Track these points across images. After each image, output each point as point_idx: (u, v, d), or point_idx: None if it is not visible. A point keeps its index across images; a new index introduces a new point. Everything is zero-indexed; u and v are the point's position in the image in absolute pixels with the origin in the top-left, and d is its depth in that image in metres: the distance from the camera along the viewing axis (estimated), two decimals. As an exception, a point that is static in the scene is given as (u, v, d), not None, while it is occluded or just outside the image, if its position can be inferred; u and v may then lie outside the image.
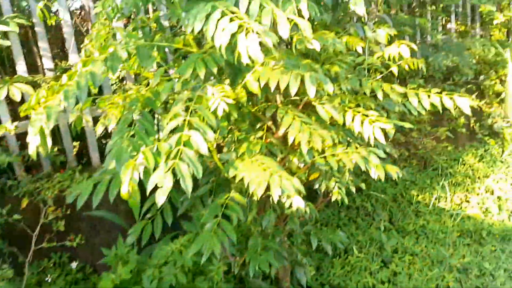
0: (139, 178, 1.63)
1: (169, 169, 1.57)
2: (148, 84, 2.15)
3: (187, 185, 1.56)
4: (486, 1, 4.62)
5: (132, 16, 3.00)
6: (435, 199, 3.98)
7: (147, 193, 1.62)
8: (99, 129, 2.17)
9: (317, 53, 2.39)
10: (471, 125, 4.88)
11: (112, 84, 3.23)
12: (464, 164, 4.59)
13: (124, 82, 3.20)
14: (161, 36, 2.17)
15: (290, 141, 1.98)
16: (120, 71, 2.64)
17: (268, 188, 1.71)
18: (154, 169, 1.64)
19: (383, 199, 3.88)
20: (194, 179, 1.61)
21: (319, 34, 2.10)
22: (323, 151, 2.32)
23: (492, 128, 4.98)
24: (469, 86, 4.88)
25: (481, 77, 4.96)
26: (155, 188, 1.59)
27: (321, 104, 2.22)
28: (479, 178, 4.37)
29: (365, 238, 3.36)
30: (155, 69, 2.36)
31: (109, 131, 2.10)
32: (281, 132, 2.12)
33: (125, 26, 3.02)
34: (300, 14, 1.87)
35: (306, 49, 1.99)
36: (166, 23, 2.70)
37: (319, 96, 2.23)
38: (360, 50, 2.38)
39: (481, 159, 4.71)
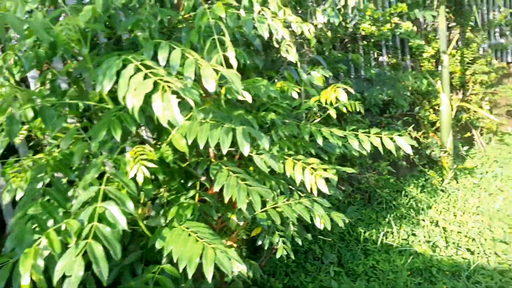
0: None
1: (80, 253, 1.32)
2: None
3: (102, 269, 1.31)
4: (414, 35, 4.73)
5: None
6: (383, 235, 3.89)
7: (53, 283, 1.35)
8: (6, 198, 1.88)
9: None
10: (411, 156, 4.91)
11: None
12: (407, 196, 4.57)
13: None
14: (74, 90, 1.93)
15: (226, 200, 1.78)
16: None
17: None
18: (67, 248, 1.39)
19: (331, 239, 3.74)
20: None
21: (251, 82, 1.95)
22: (264, 204, 2.15)
23: (430, 157, 5.04)
24: (405, 118, 4.95)
25: (416, 108, 5.05)
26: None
27: (258, 155, 2.06)
28: (423, 209, 4.35)
29: (315, 287, 3.18)
30: (75, 120, 2.11)
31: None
32: (216, 188, 1.92)
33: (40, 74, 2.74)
34: (228, 62, 1.71)
35: (238, 97, 1.83)
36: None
37: (256, 145, 2.07)
38: (295, 96, 2.26)
39: (423, 190, 4.72)
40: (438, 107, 5.03)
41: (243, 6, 1.89)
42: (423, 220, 4.17)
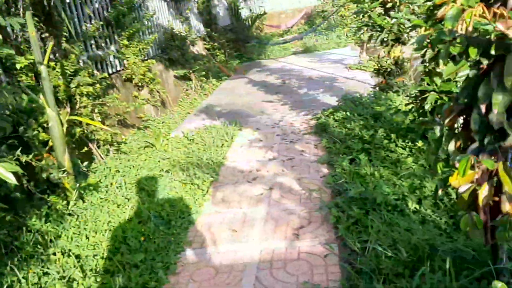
0: None
1: None
2: None
3: None
4: (1, 44, 4.04)
5: None
6: (7, 287, 3.11)
7: None
8: None
9: None
10: (25, 184, 4.20)
11: None
12: (31, 231, 3.87)
13: None
14: None
15: None
16: None
17: None
18: None
19: None
20: None
21: None
22: None
23: (50, 180, 4.47)
24: (10, 141, 4.17)
25: (21, 129, 4.34)
26: None
27: None
28: (51, 241, 3.76)
29: None
30: None
31: None
32: None
33: None
34: None
35: None
36: None
37: None
38: None
39: (48, 219, 4.10)
40: (47, 125, 4.51)
41: None
42: (54, 253, 3.60)
